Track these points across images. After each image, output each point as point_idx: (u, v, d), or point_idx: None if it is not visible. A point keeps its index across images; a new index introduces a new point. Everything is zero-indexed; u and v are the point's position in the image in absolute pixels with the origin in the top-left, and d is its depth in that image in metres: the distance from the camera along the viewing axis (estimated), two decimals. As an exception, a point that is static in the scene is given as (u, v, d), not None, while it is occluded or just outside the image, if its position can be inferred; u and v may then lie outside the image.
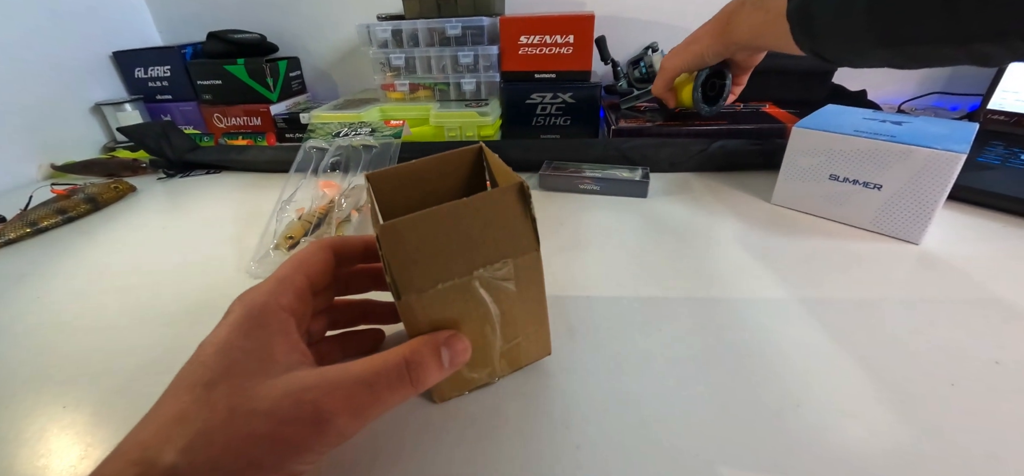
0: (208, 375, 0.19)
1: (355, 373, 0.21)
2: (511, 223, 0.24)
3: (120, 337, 0.36)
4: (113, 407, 0.29)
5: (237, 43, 0.81)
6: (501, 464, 0.24)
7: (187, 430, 0.18)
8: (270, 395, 0.19)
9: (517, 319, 0.26)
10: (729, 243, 0.44)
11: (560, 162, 0.59)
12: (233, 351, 0.20)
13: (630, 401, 0.28)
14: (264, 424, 0.18)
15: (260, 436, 0.18)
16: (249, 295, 0.23)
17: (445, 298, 0.24)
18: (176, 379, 0.20)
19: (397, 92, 0.76)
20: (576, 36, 0.67)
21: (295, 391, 0.19)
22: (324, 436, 0.19)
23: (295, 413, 0.19)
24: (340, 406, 0.20)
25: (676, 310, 0.35)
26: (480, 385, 0.28)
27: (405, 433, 0.26)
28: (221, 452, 0.17)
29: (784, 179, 0.48)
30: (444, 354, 0.23)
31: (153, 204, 0.61)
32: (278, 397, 0.19)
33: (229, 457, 0.17)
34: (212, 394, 0.19)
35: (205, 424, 0.18)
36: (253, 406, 0.18)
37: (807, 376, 0.29)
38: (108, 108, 0.81)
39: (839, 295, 0.36)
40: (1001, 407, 0.26)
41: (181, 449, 0.17)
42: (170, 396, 0.19)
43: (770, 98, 0.71)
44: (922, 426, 0.25)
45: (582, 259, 0.42)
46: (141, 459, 0.17)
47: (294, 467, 0.19)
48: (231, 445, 0.18)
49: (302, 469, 0.19)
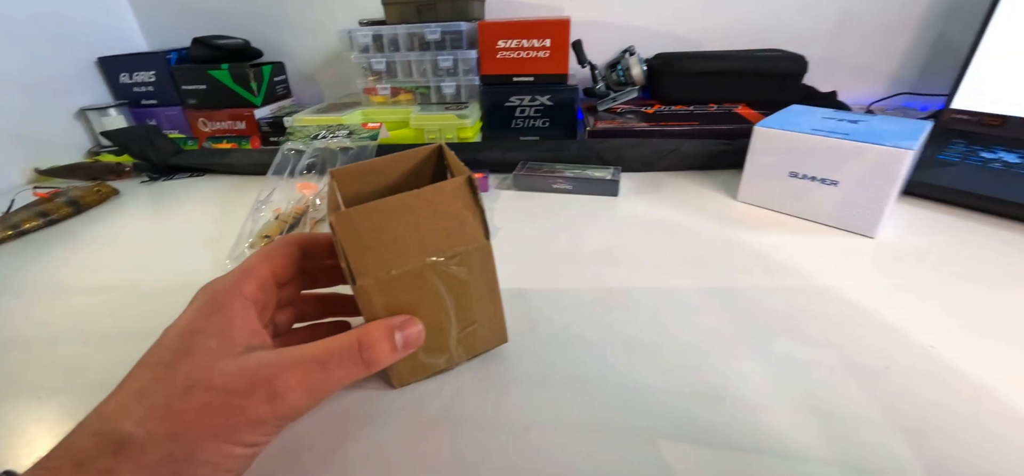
0: (168, 355, 0.20)
1: (309, 353, 0.22)
2: (460, 214, 0.25)
3: (97, 333, 0.37)
4: (91, 399, 0.30)
5: (222, 48, 0.82)
6: (456, 445, 0.26)
7: (145, 403, 0.19)
8: (227, 371, 0.20)
9: (472, 306, 0.28)
10: (692, 238, 0.45)
11: (534, 162, 0.60)
12: (194, 334, 0.21)
13: (581, 386, 0.29)
14: (219, 397, 0.19)
15: (215, 408, 0.19)
16: (213, 283, 0.24)
17: (399, 284, 0.25)
18: (140, 360, 0.21)
19: (379, 96, 0.78)
20: (553, 40, 0.68)
21: (251, 368, 0.20)
22: (277, 409, 0.20)
23: (250, 387, 0.20)
24: (294, 382, 0.21)
25: (635, 300, 0.36)
26: (438, 371, 0.30)
27: (364, 415, 0.28)
28: (177, 422, 0.18)
29: (748, 177, 0.50)
30: (397, 337, 0.24)
31: (135, 207, 0.61)
32: (234, 373, 0.20)
33: (184, 427, 0.19)
34: (171, 371, 0.20)
35: (164, 398, 0.19)
36: (211, 381, 0.20)
37: (751, 360, 0.30)
38: (93, 113, 0.82)
39: (792, 284, 0.37)
40: (929, 386, 0.28)
41: (138, 420, 0.18)
42: (133, 375, 0.20)
43: (744, 100, 0.73)
44: (852, 404, 0.27)
45: (549, 254, 0.43)
46: (100, 430, 0.18)
47: (249, 438, 0.20)
48: (187, 416, 0.19)
49: (258, 439, 0.20)
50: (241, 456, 0.20)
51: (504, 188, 0.59)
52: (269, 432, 0.21)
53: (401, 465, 0.25)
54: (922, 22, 0.77)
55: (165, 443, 0.18)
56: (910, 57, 0.80)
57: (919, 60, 0.80)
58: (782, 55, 0.72)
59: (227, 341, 0.21)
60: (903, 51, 0.79)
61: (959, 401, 0.27)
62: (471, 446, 0.25)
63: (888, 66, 0.81)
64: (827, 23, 0.79)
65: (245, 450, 0.20)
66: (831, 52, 0.80)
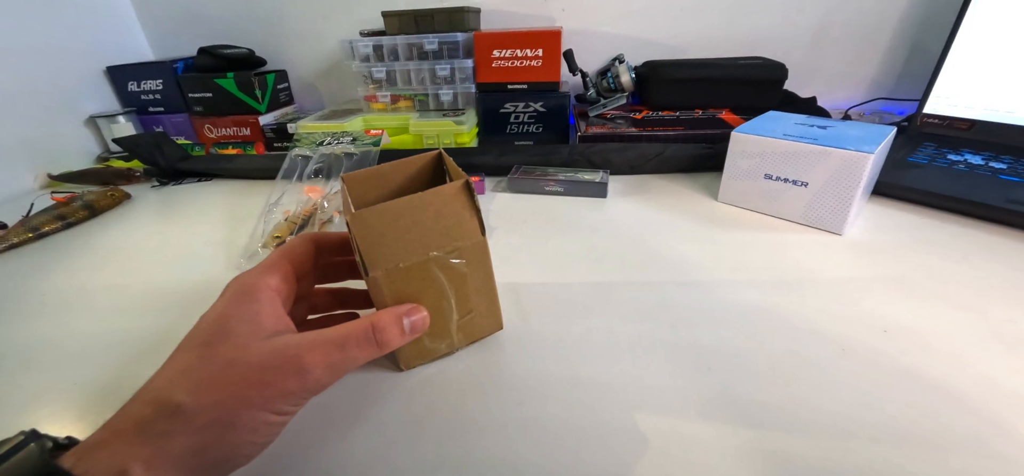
0: (207, 337, 0.24)
1: (330, 335, 0.25)
2: (459, 214, 0.29)
3: (119, 328, 0.40)
4: (119, 388, 0.33)
5: (227, 58, 0.85)
6: (457, 418, 0.29)
7: (192, 378, 0.22)
8: (260, 350, 0.23)
9: (470, 296, 0.31)
10: (674, 236, 0.48)
11: (528, 166, 0.64)
12: (229, 319, 0.24)
13: (566, 363, 0.32)
14: (255, 373, 0.23)
15: (252, 382, 0.22)
16: (242, 277, 0.27)
17: (406, 276, 0.28)
18: (181, 344, 0.24)
19: (379, 103, 0.81)
20: (545, 50, 0.72)
21: (280, 348, 0.24)
22: (305, 383, 0.24)
23: (281, 364, 0.23)
24: (318, 359, 0.24)
25: (620, 294, 0.40)
26: (441, 355, 0.33)
27: (378, 394, 0.31)
28: (220, 393, 0.22)
29: (727, 179, 0.54)
30: (405, 322, 0.28)
31: (147, 210, 0.64)
32: (267, 352, 0.23)
33: (226, 397, 0.22)
34: (212, 351, 0.23)
35: (207, 373, 0.22)
36: (247, 359, 0.23)
37: (723, 343, 0.34)
38: (102, 120, 0.85)
39: (764, 278, 0.41)
40: (879, 366, 0.31)
41: (187, 390, 0.21)
42: (176, 355, 0.24)
43: (728, 105, 0.77)
44: (812, 384, 0.30)
45: (541, 252, 0.47)
46: (155, 400, 0.21)
47: (281, 407, 0.23)
48: (228, 388, 0.22)
49: (288, 409, 0.24)
50: (274, 423, 0.23)
51: (499, 191, 0.62)
52: (298, 402, 0.24)
53: (407, 439, 0.28)
54: (897, 30, 0.81)
55: (211, 410, 0.21)
56: (887, 64, 0.84)
57: (895, 67, 0.84)
58: (763, 63, 0.76)
59: (258, 326, 0.24)
60: (880, 58, 0.83)
61: (908, 377, 0.30)
62: (470, 418, 0.29)
63: (866, 72, 0.85)
64: (807, 32, 0.83)
65: (278, 418, 0.23)
66: (811, 60, 0.84)
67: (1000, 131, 0.63)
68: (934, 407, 0.28)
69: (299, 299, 0.32)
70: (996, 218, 0.47)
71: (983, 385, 0.29)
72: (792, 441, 0.26)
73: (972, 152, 0.61)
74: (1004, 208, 0.47)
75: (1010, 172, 0.54)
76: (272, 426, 0.23)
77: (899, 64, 0.84)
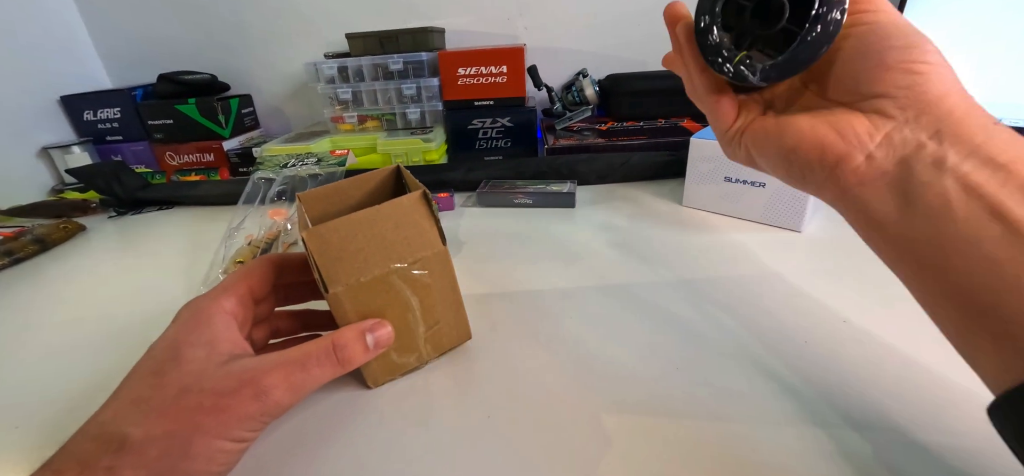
0: (158, 365, 0.23)
1: (290, 355, 0.24)
2: (418, 224, 0.28)
3: (70, 365, 0.38)
4: (67, 427, 0.32)
5: (188, 84, 0.84)
6: (426, 433, 0.28)
7: (141, 408, 0.21)
8: (215, 375, 0.22)
9: (435, 307, 0.31)
10: (641, 241, 0.49)
11: (496, 180, 0.64)
12: (181, 345, 0.24)
13: (534, 373, 0.32)
14: (210, 398, 0.22)
15: (207, 408, 0.21)
16: (195, 301, 0.27)
17: (368, 291, 0.28)
18: (130, 373, 0.23)
19: (346, 124, 0.80)
20: (509, 66, 0.73)
21: (237, 372, 0.23)
22: (264, 406, 0.23)
23: (237, 388, 0.22)
24: (277, 381, 0.23)
25: (587, 299, 0.40)
26: (410, 369, 0.32)
27: (347, 414, 0.30)
28: (172, 423, 0.21)
29: (689, 183, 0.55)
30: (369, 338, 0.27)
31: (103, 242, 0.62)
32: (222, 377, 0.22)
33: (180, 426, 0.21)
34: (162, 379, 0.22)
35: (158, 402, 0.21)
36: (201, 385, 0.22)
37: (690, 341, 0.34)
38: (56, 151, 0.82)
39: (728, 276, 0.42)
40: (841, 354, 0.32)
41: (136, 422, 0.20)
42: (125, 384, 0.22)
43: (688, 114, 0.79)
44: (778, 374, 0.31)
45: (510, 263, 0.47)
46: (100, 434, 0.20)
47: (238, 433, 0.22)
48: (181, 416, 0.21)
49: (246, 435, 0.23)
50: (231, 450, 0.22)
51: (469, 205, 0.62)
52: (256, 427, 0.23)
53: (377, 459, 0.27)
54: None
55: (162, 440, 0.20)
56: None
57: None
58: (721, 72, 0.78)
59: (213, 350, 0.24)
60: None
61: (867, 360, 0.31)
62: (441, 431, 0.28)
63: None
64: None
65: (235, 445, 0.22)
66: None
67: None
68: (893, 391, 0.29)
69: (259, 322, 0.31)
70: None
71: (939, 368, 0.30)
72: (762, 430, 0.27)
73: (918, 149, 0.64)
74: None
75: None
76: (229, 454, 0.22)
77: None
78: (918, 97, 0.18)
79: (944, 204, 0.17)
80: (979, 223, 0.17)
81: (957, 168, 0.17)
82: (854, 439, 0.26)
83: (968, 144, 0.17)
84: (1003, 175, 0.17)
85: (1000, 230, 0.16)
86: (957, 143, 0.18)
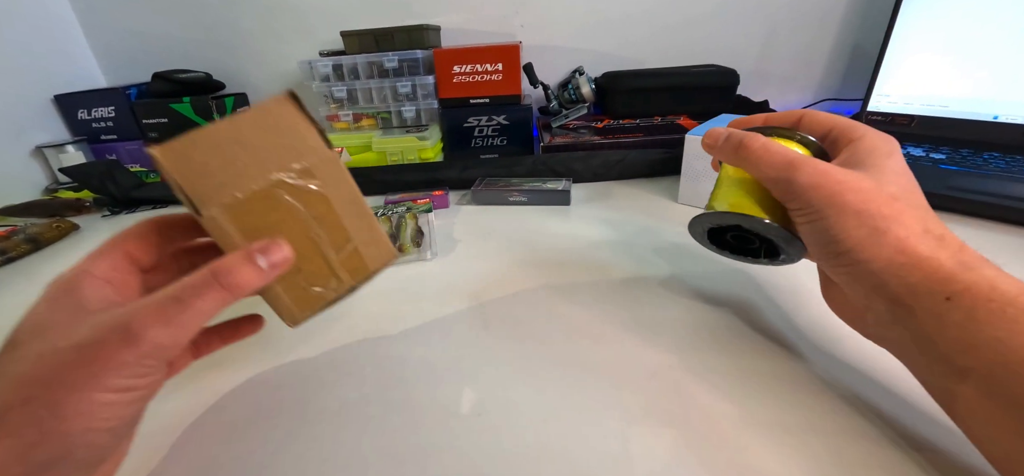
0: (13, 340, 0.21)
1: (165, 292, 0.22)
2: (295, 128, 0.25)
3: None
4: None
5: (182, 82, 0.84)
6: (416, 437, 0.28)
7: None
8: (77, 331, 0.21)
9: (340, 224, 0.27)
10: (635, 238, 0.49)
11: (491, 178, 0.64)
12: (39, 316, 0.22)
13: (529, 369, 0.32)
14: (71, 354, 0.20)
15: (69, 363, 0.20)
16: (63, 273, 0.24)
17: (250, 210, 0.24)
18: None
19: (342, 122, 0.80)
20: (505, 64, 0.73)
21: (102, 322, 0.21)
22: (139, 348, 0.20)
23: (103, 335, 0.20)
24: (149, 319, 0.21)
25: (581, 295, 0.40)
26: (330, 300, 0.28)
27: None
28: (31, 388, 0.19)
29: (684, 180, 0.55)
30: (260, 260, 0.24)
31: (97, 240, 0.60)
32: (85, 331, 0.21)
33: (41, 389, 0.19)
34: (19, 351, 0.21)
35: (12, 373, 0.20)
36: (59, 345, 0.20)
37: (685, 336, 0.34)
38: (50, 150, 0.82)
39: (723, 271, 0.42)
40: (832, 338, 0.32)
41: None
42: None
43: (685, 111, 0.79)
44: (773, 362, 0.31)
45: (504, 260, 0.47)
46: None
47: (116, 382, 0.20)
48: (39, 380, 0.19)
49: (130, 383, 0.21)
50: (116, 402, 0.20)
51: (464, 203, 0.62)
52: (142, 373, 0.21)
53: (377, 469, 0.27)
54: (838, 34, 0.85)
55: (23, 408, 0.19)
56: (831, 66, 0.88)
57: (839, 69, 0.88)
58: (716, 70, 0.78)
59: (78, 314, 0.22)
60: (824, 62, 0.87)
61: (859, 352, 0.31)
62: (431, 438, 0.28)
63: (812, 75, 0.89)
64: (756, 40, 0.86)
65: (119, 396, 0.21)
66: (761, 65, 0.87)
67: (937, 124, 0.67)
68: (880, 376, 0.29)
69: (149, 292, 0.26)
70: (938, 205, 0.48)
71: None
72: (766, 411, 0.27)
73: (914, 145, 0.64)
74: (945, 195, 0.50)
75: (949, 161, 0.57)
76: (116, 406, 0.21)
77: (842, 66, 0.88)
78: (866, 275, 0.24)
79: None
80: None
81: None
82: (854, 420, 0.26)
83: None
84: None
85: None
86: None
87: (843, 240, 0.24)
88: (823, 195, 0.24)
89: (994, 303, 0.20)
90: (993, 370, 0.20)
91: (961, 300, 0.20)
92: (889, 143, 0.26)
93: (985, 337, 0.20)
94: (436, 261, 0.47)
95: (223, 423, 0.30)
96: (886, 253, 0.23)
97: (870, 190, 0.24)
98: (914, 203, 0.24)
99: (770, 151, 0.27)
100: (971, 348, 0.20)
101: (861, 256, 0.23)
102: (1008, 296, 0.20)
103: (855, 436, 0.26)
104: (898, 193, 0.24)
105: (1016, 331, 0.19)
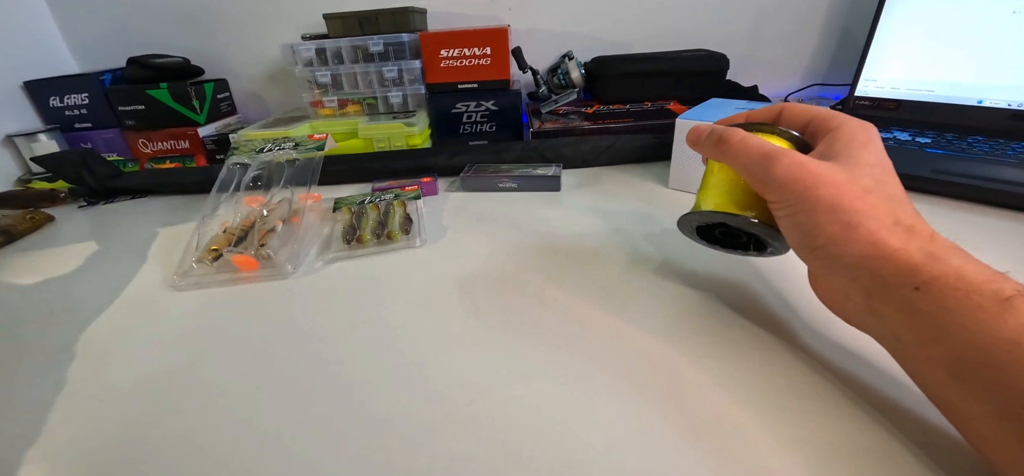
0: None
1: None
2: None
3: (39, 356, 0.36)
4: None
5: (159, 68, 0.81)
6: (405, 426, 0.28)
7: None
8: None
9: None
10: (626, 223, 0.49)
11: (480, 164, 0.63)
12: None
13: (519, 357, 0.31)
14: None
15: None
16: None
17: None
18: None
19: (326, 109, 0.78)
20: (493, 48, 0.71)
21: None
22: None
23: None
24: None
25: (573, 281, 0.39)
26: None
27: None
28: None
29: (675, 165, 0.54)
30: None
31: (72, 232, 0.60)
32: None
33: None
34: None
35: None
36: None
37: (675, 323, 0.34)
38: (21, 140, 0.79)
39: (713, 255, 0.41)
40: (820, 321, 0.32)
41: None
42: None
43: (675, 97, 0.79)
44: (764, 347, 0.31)
45: (493, 249, 0.46)
46: None
47: None
48: None
49: None
50: None
51: (453, 190, 0.61)
52: None
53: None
54: (826, 20, 0.85)
55: None
56: (819, 52, 0.88)
57: (827, 54, 0.88)
58: (706, 54, 0.78)
59: None
60: (813, 47, 0.87)
61: (845, 334, 0.31)
62: (421, 423, 0.28)
63: (801, 60, 0.89)
64: (745, 24, 0.86)
65: None
66: (751, 50, 0.87)
67: (923, 109, 0.67)
68: (871, 356, 0.29)
69: None
70: (923, 188, 0.50)
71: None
72: (759, 392, 0.26)
73: (900, 129, 0.65)
74: (930, 178, 0.50)
75: (934, 145, 0.58)
76: None
77: (830, 51, 0.88)
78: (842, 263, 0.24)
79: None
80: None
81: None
82: (836, 400, 0.26)
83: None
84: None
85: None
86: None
87: (817, 234, 0.24)
88: (798, 188, 0.25)
89: (960, 292, 0.20)
90: (962, 356, 0.20)
91: (929, 289, 0.21)
92: (866, 131, 0.26)
93: (953, 324, 0.20)
94: (425, 248, 0.47)
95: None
96: (858, 248, 0.23)
97: (843, 183, 0.24)
98: (887, 195, 0.24)
99: (748, 144, 0.28)
100: (941, 336, 0.21)
101: (835, 251, 0.24)
102: (974, 284, 0.20)
103: (845, 417, 0.26)
104: (871, 186, 0.24)
105: (981, 318, 0.19)
